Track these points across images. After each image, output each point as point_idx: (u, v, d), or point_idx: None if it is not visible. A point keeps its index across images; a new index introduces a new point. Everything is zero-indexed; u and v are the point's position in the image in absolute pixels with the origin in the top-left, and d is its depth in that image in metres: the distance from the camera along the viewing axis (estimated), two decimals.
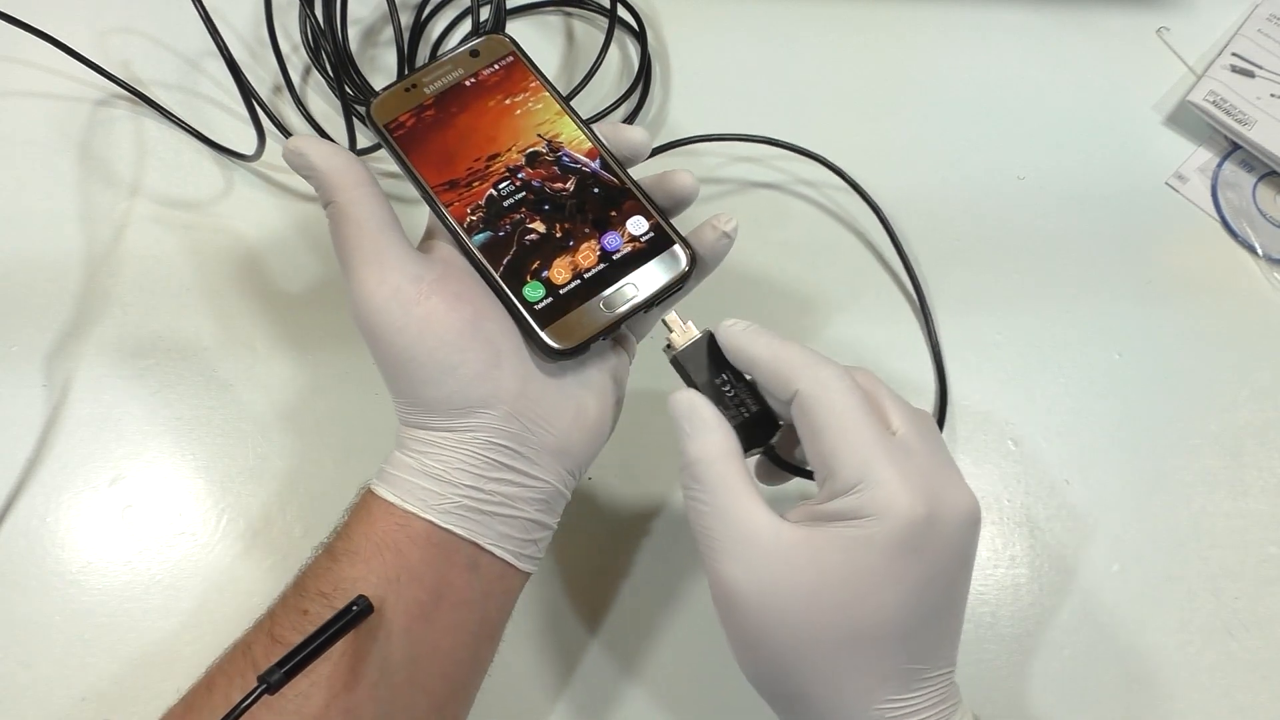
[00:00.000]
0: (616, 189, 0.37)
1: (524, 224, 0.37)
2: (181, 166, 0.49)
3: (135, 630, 0.41)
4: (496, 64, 0.39)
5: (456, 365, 0.33)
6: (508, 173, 0.37)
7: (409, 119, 0.38)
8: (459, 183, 0.37)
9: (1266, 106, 0.51)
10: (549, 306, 0.35)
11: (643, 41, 0.52)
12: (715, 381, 0.35)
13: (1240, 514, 0.44)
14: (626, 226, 0.37)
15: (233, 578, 0.42)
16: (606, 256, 0.36)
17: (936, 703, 0.31)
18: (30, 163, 0.49)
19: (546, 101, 0.39)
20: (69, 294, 0.46)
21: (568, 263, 0.36)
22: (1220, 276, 0.50)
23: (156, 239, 0.48)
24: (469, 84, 0.38)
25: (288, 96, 0.50)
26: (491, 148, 0.38)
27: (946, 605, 0.32)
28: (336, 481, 0.43)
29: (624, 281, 0.36)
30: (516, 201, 0.37)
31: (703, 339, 0.36)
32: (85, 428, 0.44)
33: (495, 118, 0.38)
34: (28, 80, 0.51)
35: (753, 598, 0.31)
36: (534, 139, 0.38)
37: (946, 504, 0.31)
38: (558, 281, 0.36)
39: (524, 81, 0.39)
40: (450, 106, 0.38)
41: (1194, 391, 0.47)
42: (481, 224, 0.36)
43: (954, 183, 0.51)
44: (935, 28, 0.55)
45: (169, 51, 0.52)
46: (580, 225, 0.37)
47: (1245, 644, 0.42)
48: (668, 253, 0.37)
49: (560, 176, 0.38)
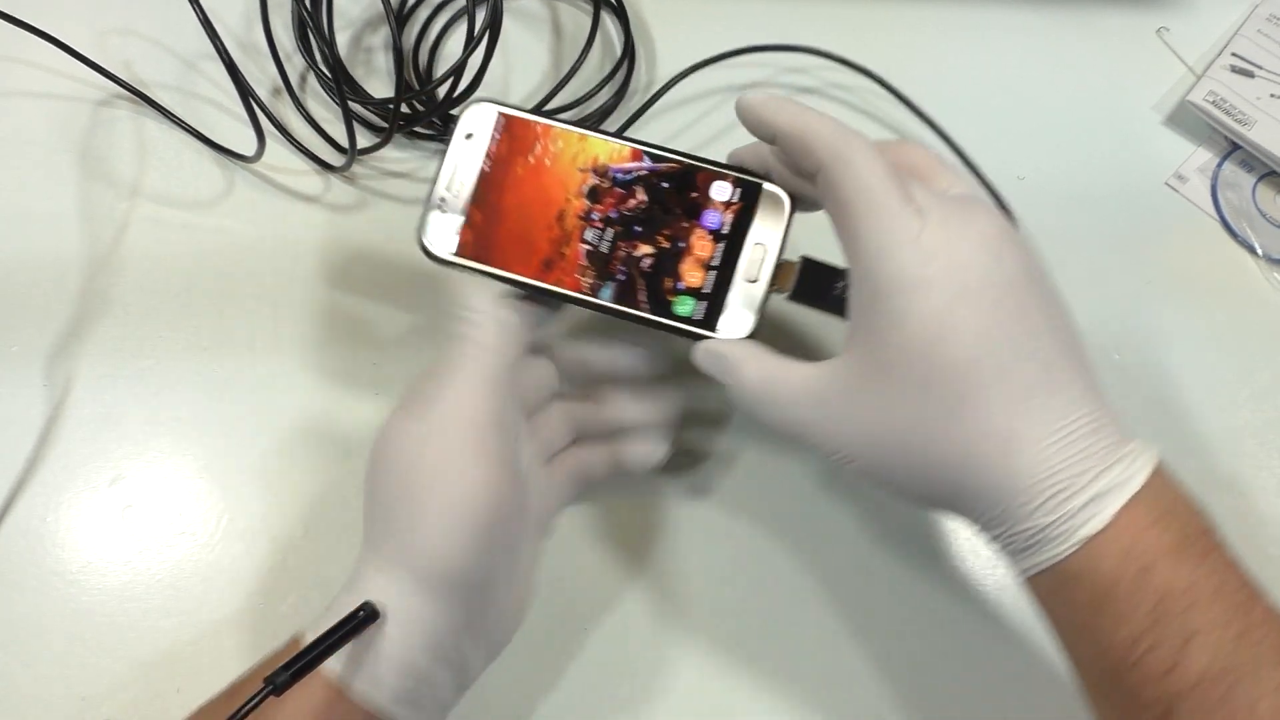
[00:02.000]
0: (680, 172, 0.37)
1: (633, 255, 0.36)
2: (182, 167, 0.49)
3: (135, 630, 0.41)
4: (495, 133, 0.37)
5: (480, 540, 0.32)
6: (584, 221, 0.36)
7: (466, 234, 0.37)
8: (552, 260, 0.36)
9: (1266, 107, 0.51)
10: (707, 310, 0.36)
11: (625, 22, 0.52)
12: (834, 293, 0.36)
13: (1240, 514, 0.44)
14: (713, 197, 0.36)
15: (233, 578, 0.42)
16: (719, 235, 0.36)
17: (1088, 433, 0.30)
18: (31, 163, 0.49)
19: (563, 135, 0.37)
20: (69, 294, 0.46)
21: (692, 262, 0.36)
22: (1220, 276, 0.50)
23: (157, 239, 0.48)
24: (488, 168, 0.37)
25: (287, 98, 0.50)
26: (552, 210, 0.37)
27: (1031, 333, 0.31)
28: (336, 481, 0.43)
29: (748, 245, 0.36)
30: (611, 240, 0.36)
31: (802, 265, 0.37)
32: (85, 428, 0.44)
33: (534, 181, 0.37)
34: (28, 80, 0.51)
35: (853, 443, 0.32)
36: (580, 175, 0.37)
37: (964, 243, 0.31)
38: (697, 285, 0.36)
39: (530, 131, 0.37)
40: (490, 198, 0.37)
41: (1194, 391, 0.47)
42: (599, 280, 0.36)
43: None
44: (935, 28, 0.55)
45: (169, 52, 0.52)
46: (678, 223, 0.36)
47: None
48: (764, 197, 0.36)
49: (627, 194, 0.37)
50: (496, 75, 0.51)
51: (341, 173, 0.49)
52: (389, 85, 0.51)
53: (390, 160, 0.50)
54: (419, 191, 0.49)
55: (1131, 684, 0.29)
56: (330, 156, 0.49)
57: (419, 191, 0.49)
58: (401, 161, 0.50)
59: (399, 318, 0.46)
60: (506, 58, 0.53)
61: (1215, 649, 0.28)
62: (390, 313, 0.46)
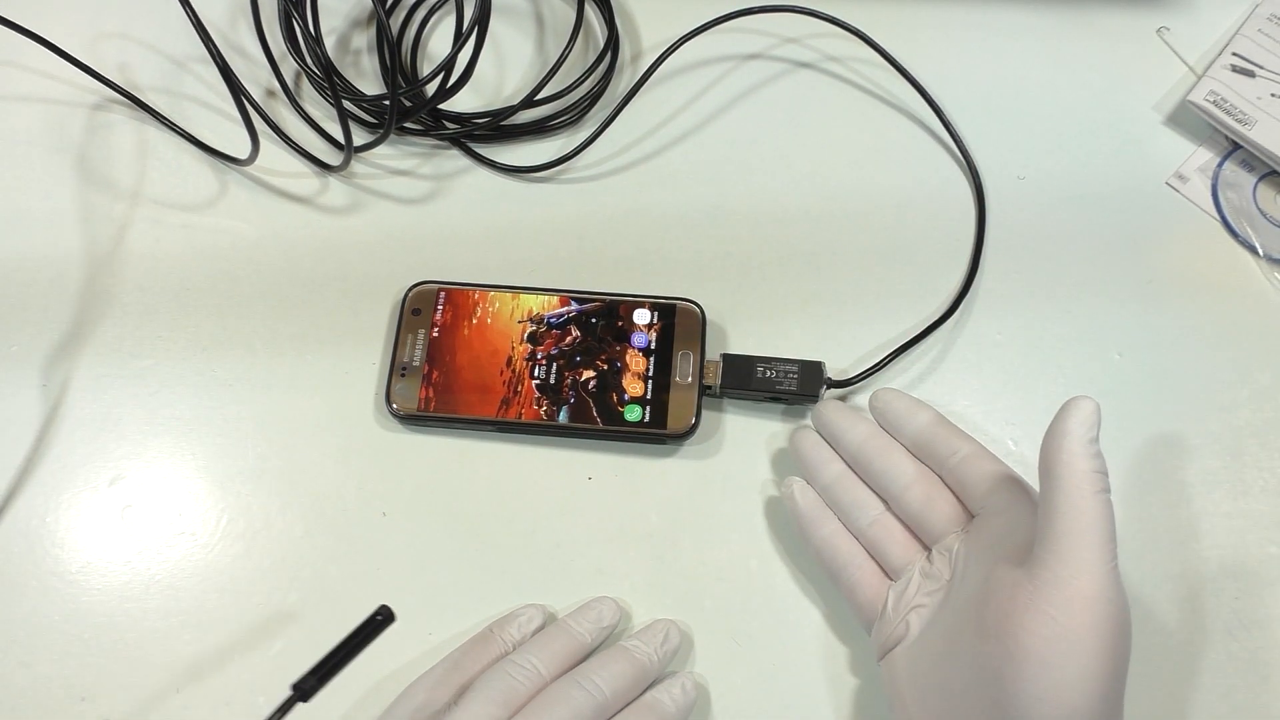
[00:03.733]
0: (604, 307, 0.44)
1: (578, 381, 0.43)
2: (180, 169, 0.49)
3: (135, 630, 0.41)
4: (439, 305, 0.44)
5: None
6: (529, 362, 0.43)
7: (424, 392, 0.43)
8: (508, 399, 0.43)
9: (1267, 106, 0.51)
10: (651, 413, 0.42)
11: (609, 13, 0.52)
12: (756, 377, 0.43)
13: (1240, 514, 0.44)
14: (636, 322, 0.44)
15: (233, 578, 0.42)
16: (649, 350, 0.43)
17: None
18: (29, 164, 0.49)
19: (498, 297, 0.44)
20: (69, 294, 0.46)
21: (631, 377, 0.43)
22: (1220, 276, 0.50)
23: (156, 239, 0.48)
24: (437, 335, 0.44)
25: (282, 98, 0.50)
26: (500, 357, 0.43)
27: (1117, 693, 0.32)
28: (336, 481, 0.43)
29: (676, 353, 0.43)
30: (557, 372, 0.43)
31: (723, 362, 0.43)
32: (85, 428, 0.44)
33: (480, 337, 0.44)
34: (25, 84, 0.51)
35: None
36: (520, 326, 0.44)
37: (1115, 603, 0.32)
38: (639, 394, 0.43)
39: (469, 299, 0.44)
40: (443, 359, 0.43)
41: (1194, 391, 0.47)
42: (553, 406, 0.42)
43: (955, 182, 0.51)
44: (935, 27, 0.55)
45: (165, 56, 0.52)
46: (611, 348, 0.43)
47: (1245, 644, 0.42)
48: (679, 312, 0.44)
49: (563, 333, 0.44)
50: (484, 68, 0.50)
51: (339, 171, 0.49)
52: (376, 87, 0.51)
53: (384, 158, 0.50)
54: (415, 190, 0.50)
55: None
56: (325, 156, 0.49)
57: (415, 190, 0.50)
58: (395, 159, 0.50)
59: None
60: (493, 51, 0.53)
61: None
62: (389, 312, 0.46)
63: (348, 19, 0.54)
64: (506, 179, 0.50)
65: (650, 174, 0.50)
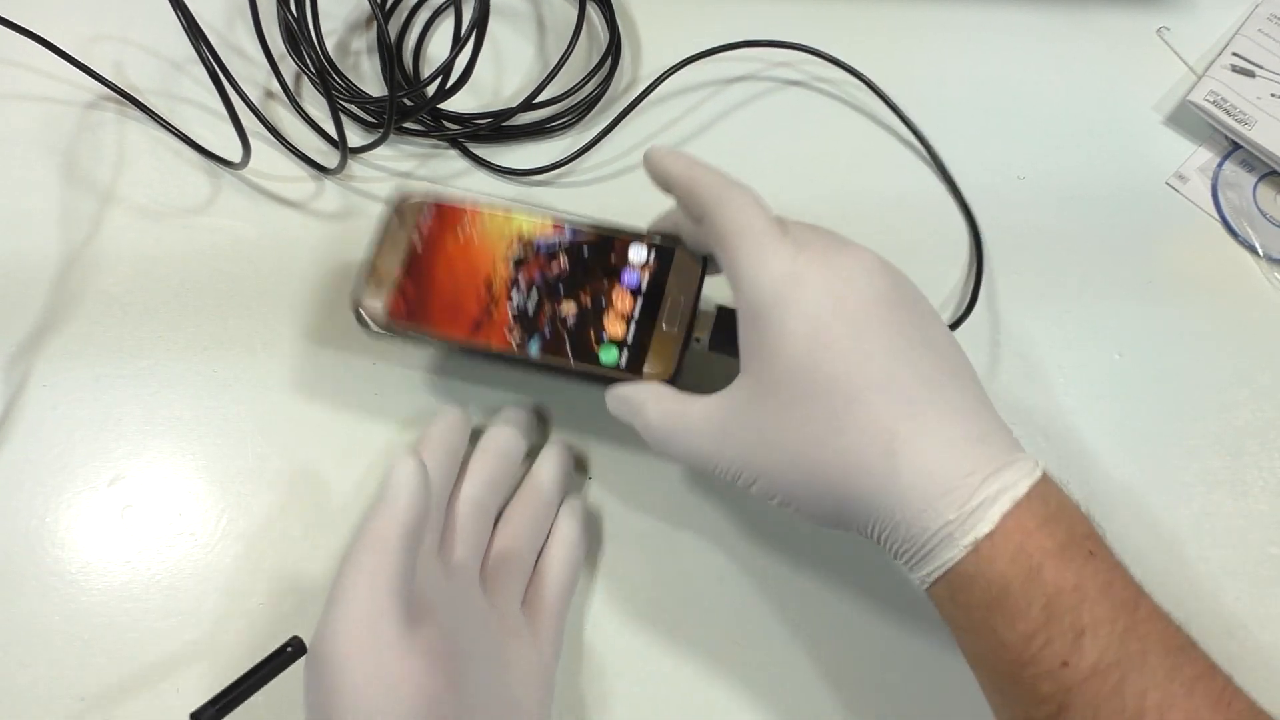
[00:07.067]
0: (597, 239, 0.40)
1: (557, 313, 0.39)
2: (180, 170, 0.49)
3: (135, 630, 0.41)
4: (424, 214, 0.41)
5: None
6: (511, 286, 0.40)
7: (398, 304, 0.40)
8: (481, 321, 0.39)
9: (1267, 106, 0.51)
10: (629, 358, 0.38)
11: (610, 15, 0.52)
12: None
13: (1241, 514, 0.44)
14: (631, 260, 0.40)
15: (232, 578, 0.42)
16: (638, 290, 0.39)
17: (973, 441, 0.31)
18: (29, 164, 0.49)
19: (489, 216, 0.41)
20: (69, 294, 0.46)
21: (614, 317, 0.39)
22: (1220, 276, 0.50)
23: (156, 240, 0.48)
24: (419, 245, 0.41)
25: (281, 99, 0.50)
26: (481, 277, 0.40)
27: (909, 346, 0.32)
28: (336, 481, 0.43)
29: (667, 297, 0.39)
30: (537, 302, 0.40)
31: (717, 316, 0.40)
32: (85, 428, 0.44)
33: (464, 254, 0.41)
34: (26, 85, 0.51)
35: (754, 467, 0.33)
36: (505, 247, 0.40)
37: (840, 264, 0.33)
38: (619, 336, 0.39)
39: (457, 212, 0.41)
40: (421, 271, 0.40)
41: (1194, 391, 0.47)
42: (526, 336, 0.39)
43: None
44: (935, 28, 0.55)
45: (161, 58, 0.52)
46: (598, 284, 0.40)
47: (1245, 644, 0.42)
48: (678, 257, 0.40)
49: (550, 260, 0.40)
50: (485, 70, 0.50)
51: (335, 174, 0.49)
52: (376, 88, 0.51)
53: (384, 159, 0.50)
54: None
55: (1027, 680, 0.30)
56: (324, 158, 0.49)
57: None
58: (395, 160, 0.50)
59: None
60: (493, 53, 0.53)
61: (1105, 643, 0.29)
62: None
63: (347, 23, 0.54)
64: (505, 182, 0.50)
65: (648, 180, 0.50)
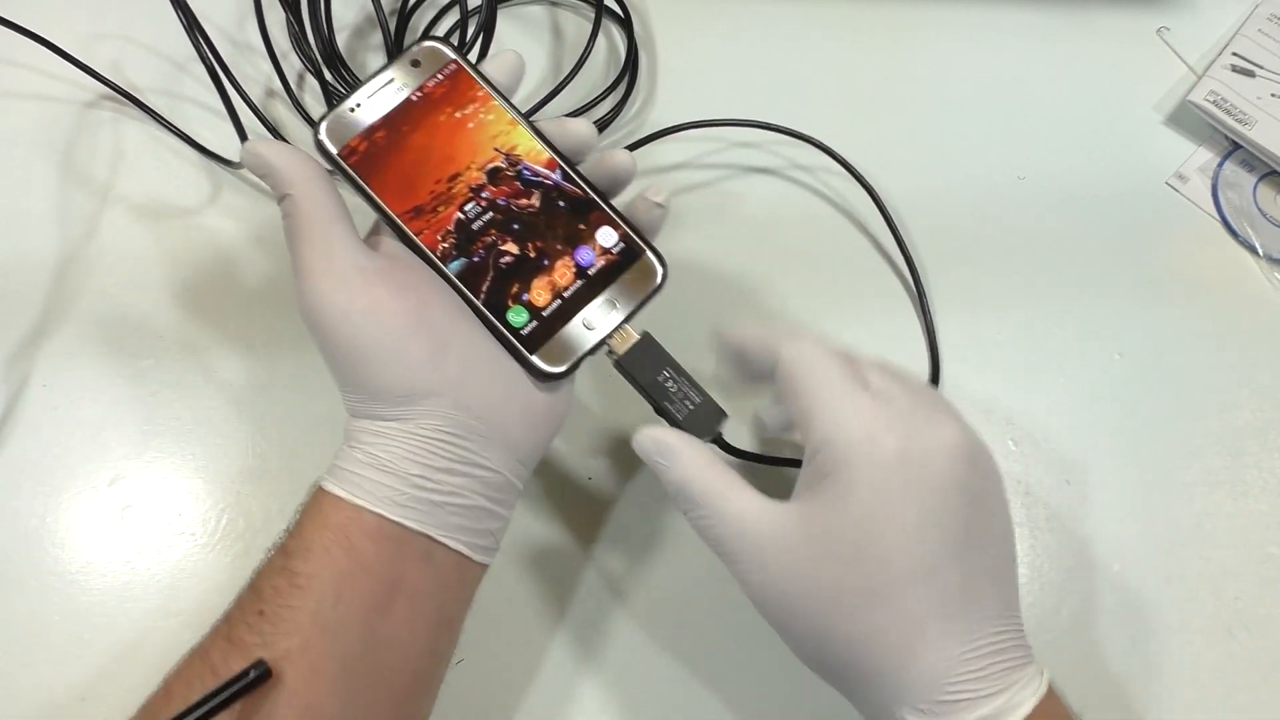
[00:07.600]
0: (581, 200, 0.36)
1: (497, 246, 0.36)
2: (180, 170, 0.49)
3: (135, 630, 0.41)
4: (440, 74, 0.37)
5: (400, 354, 0.33)
6: (471, 193, 0.36)
7: (360, 143, 0.36)
8: (424, 208, 0.36)
9: (1267, 106, 0.51)
10: (535, 330, 0.35)
11: (629, 30, 0.52)
12: (659, 379, 0.36)
13: (1241, 514, 0.44)
14: (596, 239, 0.36)
15: (233, 578, 0.41)
16: (582, 273, 0.36)
17: (991, 654, 0.30)
18: (29, 165, 0.49)
19: (498, 112, 0.37)
20: (69, 294, 0.46)
21: (546, 283, 0.35)
22: (1220, 276, 0.50)
23: (156, 239, 0.48)
24: (415, 99, 0.37)
25: (285, 98, 0.50)
26: (451, 167, 0.36)
27: (965, 543, 0.31)
28: None
29: (603, 297, 0.36)
30: (485, 224, 0.36)
31: (641, 340, 0.36)
32: (85, 428, 0.44)
33: (449, 134, 0.37)
34: (26, 84, 0.51)
35: (769, 589, 0.32)
36: (491, 153, 0.37)
37: (924, 438, 0.31)
38: (539, 304, 0.35)
39: (471, 91, 0.37)
40: (401, 126, 0.36)
41: (1194, 391, 0.47)
42: (454, 250, 0.35)
43: (955, 183, 0.51)
44: (935, 27, 0.55)
45: (161, 56, 0.52)
46: (552, 242, 0.36)
47: (1245, 644, 0.42)
48: (640, 263, 0.36)
49: (524, 192, 0.36)
50: None
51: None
52: None
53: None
54: None
55: None
56: None
57: None
58: None
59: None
60: None
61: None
62: None
63: (353, 29, 0.53)
64: None
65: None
